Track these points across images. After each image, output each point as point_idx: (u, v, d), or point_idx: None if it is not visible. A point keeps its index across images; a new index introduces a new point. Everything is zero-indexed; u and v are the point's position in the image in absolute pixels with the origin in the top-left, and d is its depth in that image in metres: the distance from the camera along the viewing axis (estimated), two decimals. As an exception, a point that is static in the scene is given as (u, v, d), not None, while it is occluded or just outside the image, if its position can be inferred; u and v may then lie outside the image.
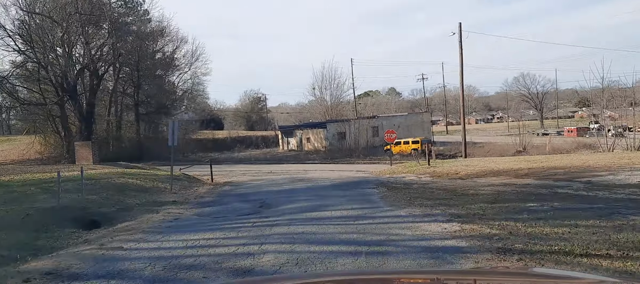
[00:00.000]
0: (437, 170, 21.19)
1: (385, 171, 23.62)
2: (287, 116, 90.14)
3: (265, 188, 17.74)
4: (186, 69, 60.71)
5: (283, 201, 13.22)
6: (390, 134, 27.77)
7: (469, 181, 17.22)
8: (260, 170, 30.52)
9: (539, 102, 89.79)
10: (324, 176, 22.66)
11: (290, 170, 29.79)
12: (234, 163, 38.92)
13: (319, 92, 66.75)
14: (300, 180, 20.60)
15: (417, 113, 63.90)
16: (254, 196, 14.76)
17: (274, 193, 15.39)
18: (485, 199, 12.17)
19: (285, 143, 57.08)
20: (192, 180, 21.68)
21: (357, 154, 40.27)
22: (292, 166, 33.95)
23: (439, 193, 13.83)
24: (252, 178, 23.18)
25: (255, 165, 36.37)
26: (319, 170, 29.43)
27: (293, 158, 42.09)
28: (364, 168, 31.14)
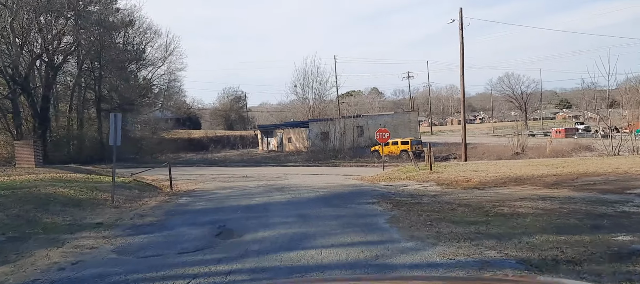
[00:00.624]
0: (442, 177, 17.41)
1: (380, 176, 19.76)
2: (268, 115, 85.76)
3: (233, 200, 13.66)
4: (160, 64, 56.34)
5: (251, 225, 9.19)
6: (383, 133, 23.91)
7: (490, 193, 13.44)
8: (234, 174, 26.39)
9: (523, 102, 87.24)
10: (308, 183, 18.68)
11: (268, 174, 25.74)
12: (206, 165, 34.64)
13: (300, 89, 62.61)
14: (279, 188, 16.56)
15: (404, 112, 60.35)
16: (214, 215, 10.69)
17: (242, 211, 11.34)
18: (536, 224, 8.41)
19: (265, 144, 52.90)
20: (145, 187, 17.46)
21: (343, 155, 36.40)
22: (270, 170, 29.88)
23: (465, 213, 9.99)
24: (221, 185, 19.06)
25: (229, 168, 32.18)
26: (301, 174, 25.45)
27: (272, 159, 37.98)
28: (352, 171, 27.25)
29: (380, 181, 18.04)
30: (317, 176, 24.52)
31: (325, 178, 22.31)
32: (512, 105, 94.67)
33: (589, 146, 40.22)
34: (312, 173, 27.87)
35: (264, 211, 10.97)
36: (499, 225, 8.49)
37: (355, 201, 12.14)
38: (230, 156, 40.89)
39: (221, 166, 33.65)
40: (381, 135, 23.80)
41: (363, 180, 19.30)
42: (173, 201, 14.17)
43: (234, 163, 35.01)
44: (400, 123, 53.16)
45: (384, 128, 24.24)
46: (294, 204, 12.14)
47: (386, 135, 23.81)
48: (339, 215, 9.89)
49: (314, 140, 44.66)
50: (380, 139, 23.84)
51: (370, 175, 21.37)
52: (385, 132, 23.84)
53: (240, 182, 20.52)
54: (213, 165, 34.55)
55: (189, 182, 21.41)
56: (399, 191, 14.17)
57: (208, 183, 20.80)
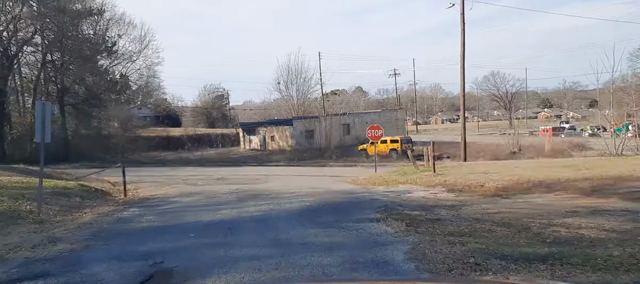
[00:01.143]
0: (449, 180, 14.37)
1: (374, 179, 16.64)
2: (252, 114, 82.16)
3: (192, 214, 10.37)
4: (135, 57, 52.45)
5: (203, 262, 5.96)
6: (375, 131, 20.79)
7: (520, 202, 10.44)
8: (209, 176, 23.05)
9: (508, 101, 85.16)
10: (290, 187, 15.48)
11: (246, 176, 22.48)
12: (181, 165, 31.16)
13: (284, 86, 59.25)
14: (255, 195, 13.31)
15: (391, 110, 57.45)
16: (155, 242, 7.41)
17: (198, 233, 8.07)
18: (634, 261, 5.42)
19: (246, 142, 49.47)
20: (91, 194, 14.02)
21: (329, 154, 33.25)
22: (250, 171, 26.59)
23: (509, 237, 6.96)
24: (187, 191, 15.74)
25: (206, 168, 28.77)
26: (284, 176, 22.25)
27: (254, 159, 34.64)
28: (340, 172, 24.13)
29: (376, 185, 14.92)
30: (302, 178, 21.34)
31: (311, 180, 19.15)
32: (496, 104, 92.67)
33: (584, 145, 37.73)
34: (296, 174, 24.69)
35: (227, 235, 7.72)
36: (578, 262, 5.44)
37: (353, 216, 8.98)
38: (209, 155, 37.39)
39: (197, 166, 30.21)
40: (373, 132, 20.70)
41: (356, 183, 16.16)
42: (116, 213, 10.81)
43: (212, 163, 31.58)
44: (387, 122, 50.17)
45: (377, 125, 21.20)
46: (271, 221, 8.93)
47: (379, 132, 20.73)
48: (333, 242, 6.70)
49: (298, 139, 41.44)
50: (373, 136, 20.74)
51: (362, 177, 18.24)
52: (377, 128, 20.76)
53: (211, 186, 17.21)
54: (189, 164, 31.08)
55: (153, 186, 18.03)
56: (405, 201, 11.04)
57: (175, 186, 17.44)
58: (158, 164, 30.97)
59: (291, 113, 53.93)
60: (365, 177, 17.87)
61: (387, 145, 35.31)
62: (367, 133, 20.76)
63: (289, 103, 59.67)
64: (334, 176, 22.55)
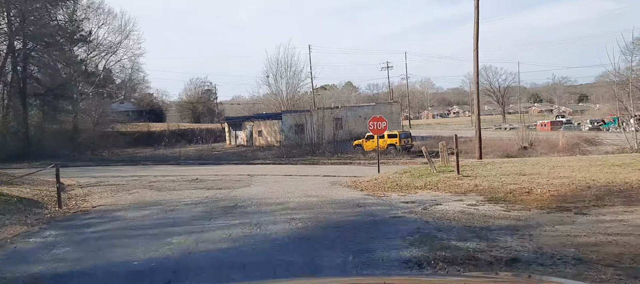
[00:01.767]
0: (482, 185, 10.96)
1: (382, 182, 13.15)
2: (240, 109, 78.24)
3: (128, 245, 6.77)
4: (115, 48, 48.43)
5: None
6: (378, 123, 17.28)
7: (612, 222, 7.05)
8: (183, 176, 19.47)
9: (500, 96, 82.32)
10: (277, 194, 11.94)
11: (227, 177, 18.92)
12: (156, 162, 27.44)
13: (273, 80, 55.64)
14: (229, 208, 9.75)
15: (385, 103, 54.02)
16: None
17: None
18: None
19: (232, 137, 45.78)
20: (10, 205, 10.32)
21: (321, 151, 29.72)
22: (232, 169, 23.01)
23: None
24: (145, 199, 12.12)
25: (184, 167, 25.13)
26: (271, 176, 18.75)
27: (239, 156, 30.99)
28: (335, 171, 20.69)
29: (388, 191, 11.45)
30: (292, 179, 17.86)
31: (303, 183, 15.66)
32: (489, 99, 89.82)
33: (593, 139, 34.63)
34: (284, 173, 21.18)
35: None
36: None
37: (374, 252, 5.49)
38: (190, 151, 33.60)
39: (174, 164, 26.53)
40: (376, 125, 17.22)
41: (360, 187, 12.66)
42: (18, 242, 7.20)
43: (191, 161, 27.89)
44: (381, 115, 46.80)
45: (380, 116, 17.69)
46: (240, 265, 5.39)
47: (383, 124, 17.25)
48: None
49: (288, 133, 37.88)
50: (375, 130, 17.26)
51: (366, 178, 14.75)
52: (380, 120, 17.28)
53: (180, 191, 13.61)
54: (165, 162, 27.38)
55: (109, 191, 14.41)
56: (441, 219, 7.56)
57: (134, 192, 13.81)
58: (130, 162, 27.23)
59: (280, 108, 50.37)
60: (369, 179, 14.39)
61: (385, 140, 31.91)
62: (369, 126, 17.31)
63: (278, 97, 56.16)
64: (330, 177, 19.08)
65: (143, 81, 71.82)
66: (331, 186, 13.61)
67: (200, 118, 67.54)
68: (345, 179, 17.43)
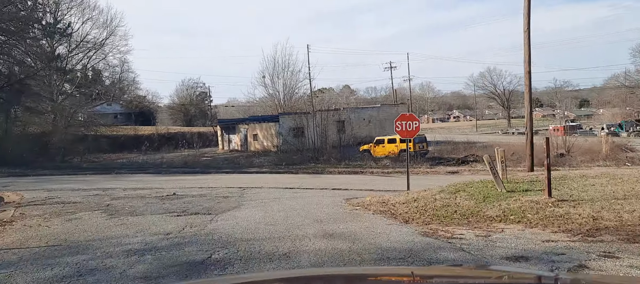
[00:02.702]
0: (603, 216, 6.87)
1: (423, 204, 8.97)
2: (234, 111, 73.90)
3: None
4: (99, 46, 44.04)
5: None
6: (409, 123, 12.90)
7: None
8: (158, 190, 15.32)
9: (505, 99, 78.48)
10: (281, 225, 7.76)
11: (213, 191, 14.78)
12: (134, 171, 23.18)
13: (269, 80, 51.42)
14: (199, 263, 5.53)
15: (391, 104, 49.97)
16: None
17: None
18: None
19: (225, 142, 41.59)
20: None
21: (326, 157, 25.52)
22: (222, 180, 18.81)
23: None
24: (82, 233, 7.86)
25: (163, 177, 20.92)
26: (268, 189, 14.67)
27: (231, 162, 26.72)
28: (346, 182, 16.59)
29: (449, 224, 7.28)
30: (295, 194, 13.72)
31: (312, 202, 11.51)
32: (490, 102, 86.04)
33: (624, 145, 30.68)
34: (284, 185, 17.05)
35: None
36: None
37: None
38: (173, 158, 29.17)
39: (153, 173, 22.30)
40: (405, 125, 12.94)
41: (398, 213, 8.47)
42: None
43: (174, 169, 23.63)
44: (387, 118, 42.77)
45: (411, 114, 13.33)
46: None
47: (414, 124, 12.97)
48: None
49: (286, 137, 33.76)
50: (404, 131, 13.02)
51: (397, 197, 10.55)
52: (412, 119, 12.97)
53: (139, 217, 9.39)
54: (143, 170, 23.13)
55: (49, 212, 10.26)
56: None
57: (76, 218, 9.58)
58: (103, 170, 22.98)
59: (277, 110, 46.20)
60: (402, 199, 10.21)
61: (397, 146, 27.84)
62: (395, 127, 13.12)
63: (274, 99, 51.98)
64: (341, 191, 14.98)
65: (133, 82, 67.37)
66: (353, 211, 9.45)
67: (193, 121, 63.29)
68: (363, 195, 13.31)
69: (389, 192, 14.82)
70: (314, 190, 15.84)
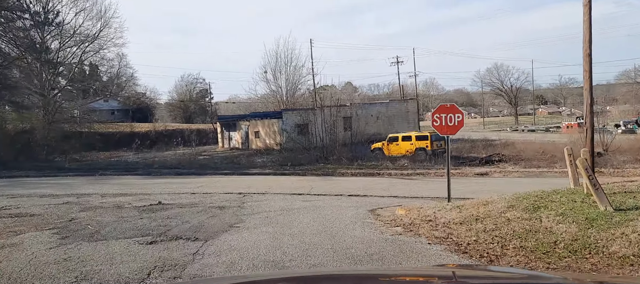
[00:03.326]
0: None
1: (492, 227, 6.29)
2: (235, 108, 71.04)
3: None
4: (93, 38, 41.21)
5: None
6: (450, 116, 10.01)
7: None
8: (142, 196, 12.66)
9: (513, 96, 75.55)
10: (297, 258, 5.08)
11: (207, 198, 12.13)
12: (121, 171, 20.44)
13: (271, 76, 48.62)
14: None
15: (400, 100, 47.15)
16: None
17: None
18: None
19: (226, 139, 38.85)
20: None
21: (336, 157, 22.72)
22: (219, 183, 16.11)
23: None
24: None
25: (154, 179, 18.21)
26: (273, 195, 12.04)
27: (231, 162, 23.94)
28: (364, 187, 13.89)
29: (562, 270, 4.56)
30: (306, 203, 11.07)
31: (330, 215, 8.84)
32: (499, 100, 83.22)
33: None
34: (291, 190, 14.37)
35: None
36: None
37: None
38: (167, 157, 26.28)
39: (142, 175, 19.57)
40: (446, 119, 10.07)
41: (474, 251, 5.75)
42: None
43: (167, 170, 20.87)
44: (396, 114, 40.09)
45: (452, 106, 10.49)
46: None
47: (457, 117, 10.13)
48: None
49: (291, 134, 31.03)
50: (443, 127, 10.16)
51: (450, 215, 7.81)
52: (453, 111, 10.04)
53: (99, 243, 6.70)
54: (132, 172, 20.39)
55: None
56: None
57: (12, 243, 6.90)
58: (87, 172, 20.27)
59: (279, 107, 43.44)
60: (458, 218, 7.49)
61: (412, 144, 25.10)
62: (433, 122, 10.34)
63: (276, 96, 49.21)
64: (360, 198, 12.35)
65: (131, 78, 64.67)
66: (396, 238, 6.71)
67: (193, 118, 60.46)
68: (387, 203, 10.69)
69: (419, 200, 12.12)
70: (328, 196, 13.16)
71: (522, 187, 10.99)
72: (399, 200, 12.33)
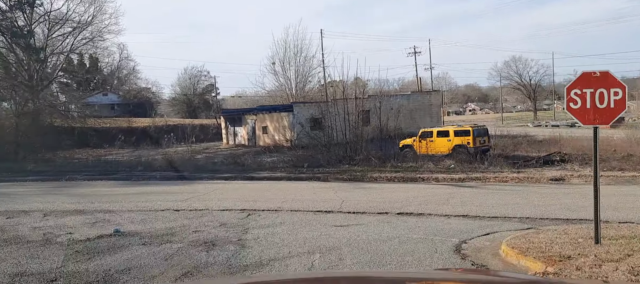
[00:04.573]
0: None
1: None
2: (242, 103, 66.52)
3: None
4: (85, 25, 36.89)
5: None
6: (601, 92, 5.79)
7: None
8: (80, 224, 8.29)
9: (532, 90, 70.38)
10: None
11: (189, 225, 7.70)
12: (95, 175, 16.06)
13: (280, 67, 44.09)
14: None
15: (423, 92, 42.45)
16: None
17: None
18: None
19: (230, 135, 34.49)
20: None
21: (361, 156, 18.21)
22: (215, 194, 11.68)
23: None
24: None
25: (132, 186, 13.88)
26: (290, 213, 7.58)
27: (234, 162, 19.45)
28: (416, 198, 9.36)
29: None
30: (352, 248, 6.57)
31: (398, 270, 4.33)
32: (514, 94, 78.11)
33: None
34: (315, 207, 9.96)
35: None
36: None
37: None
38: (158, 156, 21.72)
39: (120, 179, 15.21)
40: (594, 99, 5.42)
41: None
42: None
43: (154, 172, 16.46)
44: (418, 108, 35.51)
45: (603, 73, 6.33)
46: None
47: (615, 95, 5.59)
48: None
49: (305, 127, 26.65)
50: (590, 113, 5.51)
51: None
52: (607, 83, 5.71)
53: None
54: (110, 175, 16.03)
55: None
56: None
57: None
58: (53, 175, 15.95)
59: (288, 101, 39.00)
60: None
61: (450, 140, 20.53)
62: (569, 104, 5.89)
63: (285, 89, 44.71)
64: (423, 221, 7.96)
65: (133, 71, 60.46)
66: None
67: (197, 113, 56.05)
68: (471, 229, 6.42)
69: (513, 222, 7.74)
70: (370, 216, 8.78)
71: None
72: (483, 223, 7.93)
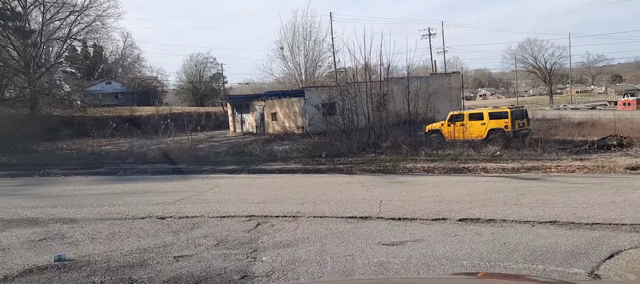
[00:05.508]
0: None
1: None
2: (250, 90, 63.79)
3: None
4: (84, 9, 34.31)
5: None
6: None
7: None
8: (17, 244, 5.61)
9: (548, 73, 66.95)
10: None
11: (172, 249, 5.01)
12: (77, 169, 13.58)
13: (288, 51, 41.34)
14: None
15: (441, 74, 39.46)
16: None
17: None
18: None
19: (237, 123, 31.92)
20: None
21: (388, 143, 15.55)
22: (215, 193, 9.05)
23: None
24: None
25: (117, 183, 11.30)
26: (309, 227, 4.79)
27: (240, 151, 16.84)
28: (479, 198, 6.51)
29: None
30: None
31: None
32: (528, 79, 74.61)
33: None
34: (346, 212, 7.27)
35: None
36: None
37: None
38: (153, 145, 19.10)
39: (104, 174, 12.70)
40: None
41: None
42: None
43: (146, 166, 13.91)
44: (437, 90, 32.28)
45: None
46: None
47: None
48: None
49: (315, 117, 23.96)
50: None
51: None
52: None
53: None
54: (91, 169, 13.53)
55: None
56: None
57: None
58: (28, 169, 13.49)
59: (298, 87, 36.30)
60: None
61: (484, 123, 17.79)
62: None
63: (294, 75, 42.02)
64: (512, 231, 5.18)
65: (137, 59, 58.02)
66: None
67: (204, 100, 53.49)
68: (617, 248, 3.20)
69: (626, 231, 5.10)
70: (424, 224, 6.14)
71: None
72: (587, 235, 5.29)
